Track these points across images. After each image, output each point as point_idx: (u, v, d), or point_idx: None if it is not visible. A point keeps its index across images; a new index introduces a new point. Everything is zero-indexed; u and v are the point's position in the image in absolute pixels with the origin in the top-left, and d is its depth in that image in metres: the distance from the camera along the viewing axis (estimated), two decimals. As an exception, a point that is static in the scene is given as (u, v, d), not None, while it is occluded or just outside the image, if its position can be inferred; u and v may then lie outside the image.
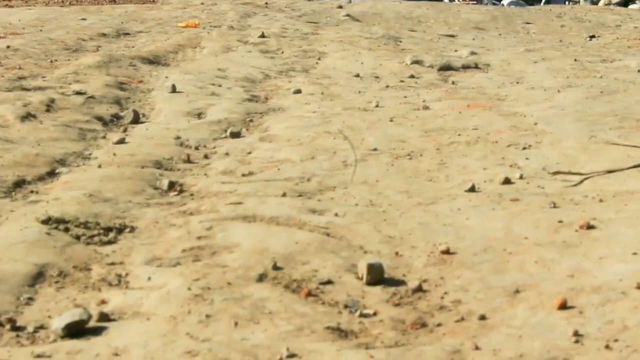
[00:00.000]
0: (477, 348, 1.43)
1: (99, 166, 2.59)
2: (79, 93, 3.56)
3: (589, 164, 2.50)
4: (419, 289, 1.71)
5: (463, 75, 4.41)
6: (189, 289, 1.67)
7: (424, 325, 1.55)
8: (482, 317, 1.56)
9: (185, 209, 2.20)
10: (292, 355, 1.40)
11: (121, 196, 2.29)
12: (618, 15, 8.00)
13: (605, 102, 3.38)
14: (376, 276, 1.76)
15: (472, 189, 2.33)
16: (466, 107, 3.42)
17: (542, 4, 14.69)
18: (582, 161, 2.54)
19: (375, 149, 2.79)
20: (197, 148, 2.88)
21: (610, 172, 2.40)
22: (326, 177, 2.48)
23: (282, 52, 5.14)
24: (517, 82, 4.13)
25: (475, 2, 11.00)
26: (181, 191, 2.39)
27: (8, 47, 4.72)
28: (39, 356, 1.41)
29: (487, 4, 12.02)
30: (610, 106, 3.27)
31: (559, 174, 2.42)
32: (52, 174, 2.52)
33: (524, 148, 2.73)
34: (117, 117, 3.32)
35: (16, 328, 1.53)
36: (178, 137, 2.97)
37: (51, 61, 4.39)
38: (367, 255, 1.87)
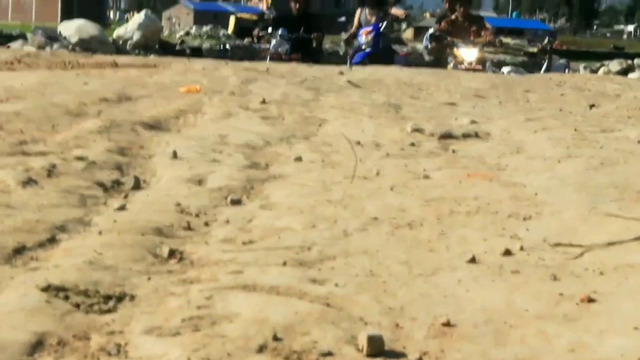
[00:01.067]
0: None
1: (100, 233, 2.58)
2: (80, 159, 3.58)
3: (590, 236, 2.50)
4: (419, 363, 1.70)
5: (463, 144, 4.44)
6: (189, 359, 1.65)
7: (425, 400, 1.53)
8: (484, 393, 1.54)
9: (185, 278, 2.20)
10: None
11: (121, 264, 2.28)
12: (618, 84, 8.09)
13: (606, 173, 3.40)
14: (376, 348, 1.75)
15: (473, 260, 2.32)
16: (466, 177, 3.43)
17: (542, 72, 14.86)
18: (583, 233, 2.54)
19: (375, 218, 2.80)
20: (197, 215, 2.89)
21: (610, 244, 2.40)
22: (327, 246, 2.47)
23: (283, 119, 5.18)
24: (518, 152, 4.16)
25: (481, 69, 11.25)
26: (181, 259, 2.38)
27: (9, 111, 4.76)
28: None
29: (493, 71, 12.31)
30: (610, 177, 3.29)
31: (560, 245, 2.42)
32: (52, 240, 2.52)
33: (524, 219, 2.74)
34: (118, 183, 3.33)
35: (13, 400, 1.51)
36: (179, 204, 2.98)
37: (53, 126, 4.42)
38: (368, 327, 1.86)
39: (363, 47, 12.23)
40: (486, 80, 8.08)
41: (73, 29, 16.65)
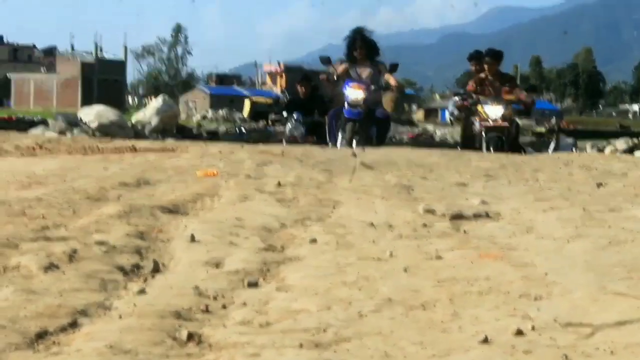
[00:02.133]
0: None
1: (120, 317, 2.65)
2: (100, 243, 3.67)
3: (600, 315, 2.54)
4: None
5: (474, 224, 4.51)
6: None
7: None
8: None
9: (204, 360, 2.25)
10: None
11: (141, 347, 2.34)
12: (624, 162, 8.17)
13: (614, 252, 3.46)
14: None
15: (485, 340, 2.37)
16: (478, 257, 3.50)
17: (550, 151, 14.99)
18: (593, 312, 2.59)
19: (389, 299, 2.85)
20: (215, 298, 2.95)
21: (620, 323, 2.44)
22: (342, 327, 2.53)
23: (298, 201, 5.27)
24: (528, 232, 4.22)
25: (507, 125, 11.07)
26: (199, 342, 2.44)
27: (32, 197, 4.88)
28: None
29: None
30: (618, 257, 3.34)
31: (570, 325, 2.46)
32: (73, 324, 2.59)
33: (535, 299, 2.79)
34: (137, 267, 3.41)
35: None
36: (197, 287, 3.05)
37: (74, 211, 4.53)
38: (382, 408, 1.90)
39: (350, 103, 11.22)
40: (495, 160, 8.18)
41: (93, 114, 17.00)
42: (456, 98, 12.26)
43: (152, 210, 4.60)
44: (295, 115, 13.10)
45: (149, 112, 18.37)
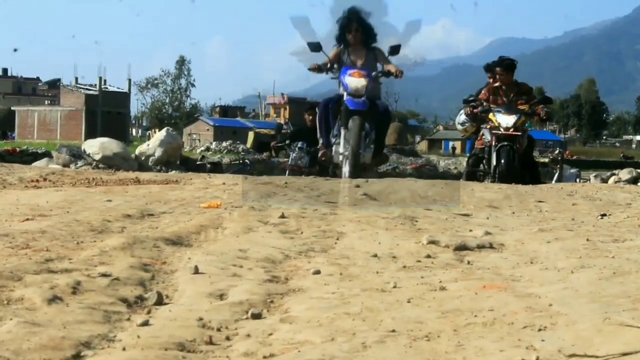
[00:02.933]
0: None
1: (124, 349, 2.65)
2: (104, 275, 3.67)
3: (604, 346, 2.54)
4: None
5: (478, 255, 4.51)
6: None
7: None
8: None
9: (208, 392, 2.25)
10: None
11: (145, 379, 2.34)
12: (628, 193, 8.17)
13: (618, 283, 3.45)
14: None
15: (489, 372, 2.36)
16: (482, 288, 3.49)
17: (554, 181, 14.99)
18: (597, 343, 2.58)
19: (393, 331, 2.85)
20: (219, 329, 2.95)
21: (625, 354, 2.44)
22: (346, 359, 2.52)
23: (302, 233, 5.27)
24: (532, 262, 4.22)
25: (520, 135, 10.46)
26: (203, 374, 2.44)
27: (35, 229, 4.89)
28: None
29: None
30: (623, 287, 3.34)
31: (575, 356, 2.46)
32: (77, 356, 2.59)
33: (540, 330, 2.78)
34: (141, 299, 3.41)
35: None
36: (200, 319, 3.04)
37: (77, 243, 4.53)
38: None
39: (351, 92, 9.61)
40: (499, 190, 8.18)
41: (97, 146, 17.07)
42: (466, 107, 11.27)
43: (156, 242, 4.61)
44: (299, 144, 13.06)
45: (153, 144, 18.44)
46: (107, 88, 53.25)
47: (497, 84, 11.05)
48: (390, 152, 27.47)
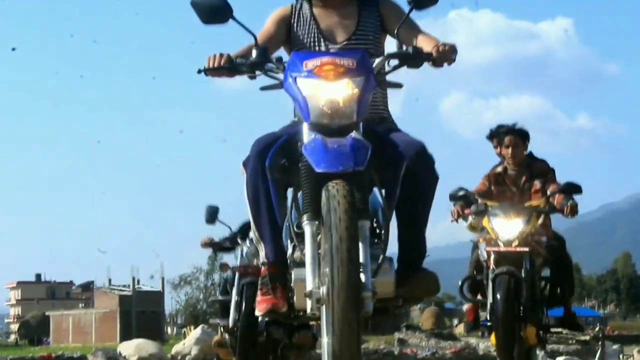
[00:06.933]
0: None
1: None
2: None
3: None
4: None
5: None
6: None
7: None
8: None
9: None
10: None
11: None
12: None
13: None
14: None
15: None
16: None
17: (596, 359, 14.53)
18: None
19: None
20: None
21: None
22: None
23: None
24: None
25: (527, 251, 6.21)
26: None
27: None
28: None
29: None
30: None
31: None
32: None
33: None
34: None
35: None
36: None
37: None
38: None
39: (315, 119, 3.31)
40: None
41: (132, 348, 17.00)
42: (455, 205, 6.80)
43: None
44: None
45: (189, 342, 18.29)
46: (140, 288, 53.49)
47: (500, 169, 7.08)
48: (428, 337, 26.79)
